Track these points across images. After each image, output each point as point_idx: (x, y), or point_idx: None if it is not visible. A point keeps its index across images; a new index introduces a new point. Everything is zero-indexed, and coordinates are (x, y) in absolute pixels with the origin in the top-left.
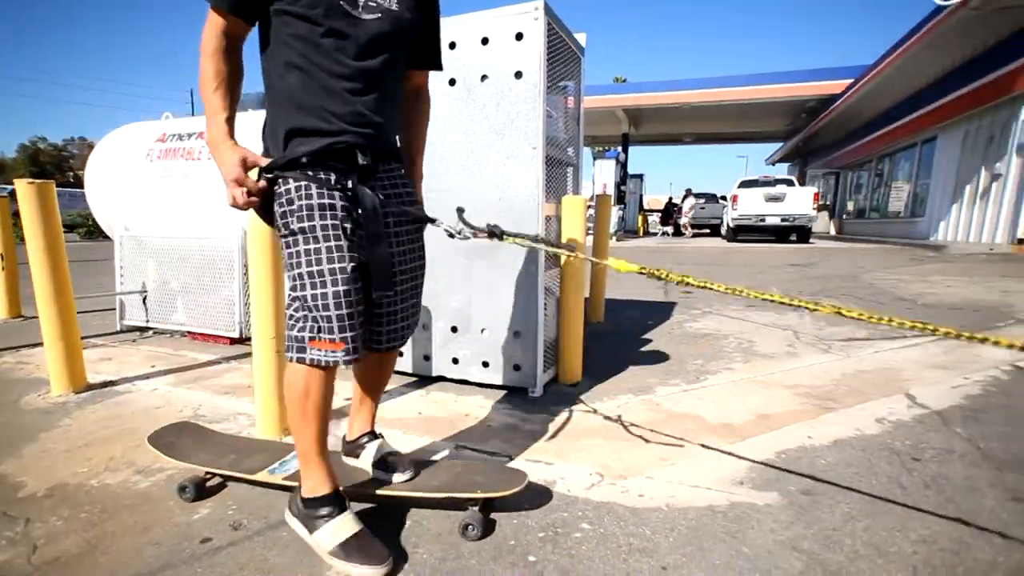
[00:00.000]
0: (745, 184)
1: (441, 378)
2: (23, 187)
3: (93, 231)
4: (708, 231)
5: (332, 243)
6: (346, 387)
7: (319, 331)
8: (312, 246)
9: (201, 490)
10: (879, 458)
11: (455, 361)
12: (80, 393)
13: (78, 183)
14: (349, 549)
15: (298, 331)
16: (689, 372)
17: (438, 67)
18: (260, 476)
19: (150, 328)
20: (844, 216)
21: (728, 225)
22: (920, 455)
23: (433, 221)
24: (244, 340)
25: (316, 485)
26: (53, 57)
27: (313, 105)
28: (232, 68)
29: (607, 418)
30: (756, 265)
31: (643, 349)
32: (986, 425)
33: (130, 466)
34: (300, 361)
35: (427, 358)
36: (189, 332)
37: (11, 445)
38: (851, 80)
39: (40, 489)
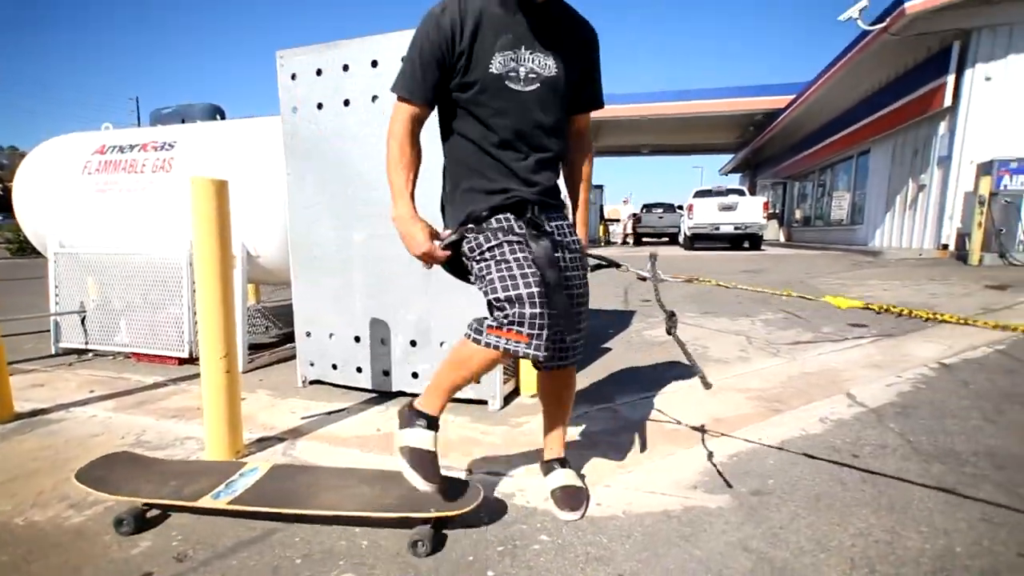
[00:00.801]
0: (700, 194)
1: (401, 393)
2: None
3: (24, 247)
4: (667, 239)
5: (520, 255)
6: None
7: (510, 323)
8: (504, 259)
9: (141, 522)
10: (822, 456)
11: (415, 375)
12: (6, 424)
13: (6, 195)
14: (415, 456)
15: (487, 322)
16: (647, 380)
17: (599, 105)
18: (203, 502)
19: (89, 350)
20: (792, 224)
21: (685, 234)
22: (858, 451)
23: (619, 266)
24: (193, 360)
25: (428, 405)
26: None
27: (483, 170)
28: (415, 151)
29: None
30: (713, 272)
31: (602, 358)
32: (916, 420)
33: (62, 500)
34: (476, 341)
35: (386, 373)
36: (133, 353)
37: None
38: (793, 96)
39: None
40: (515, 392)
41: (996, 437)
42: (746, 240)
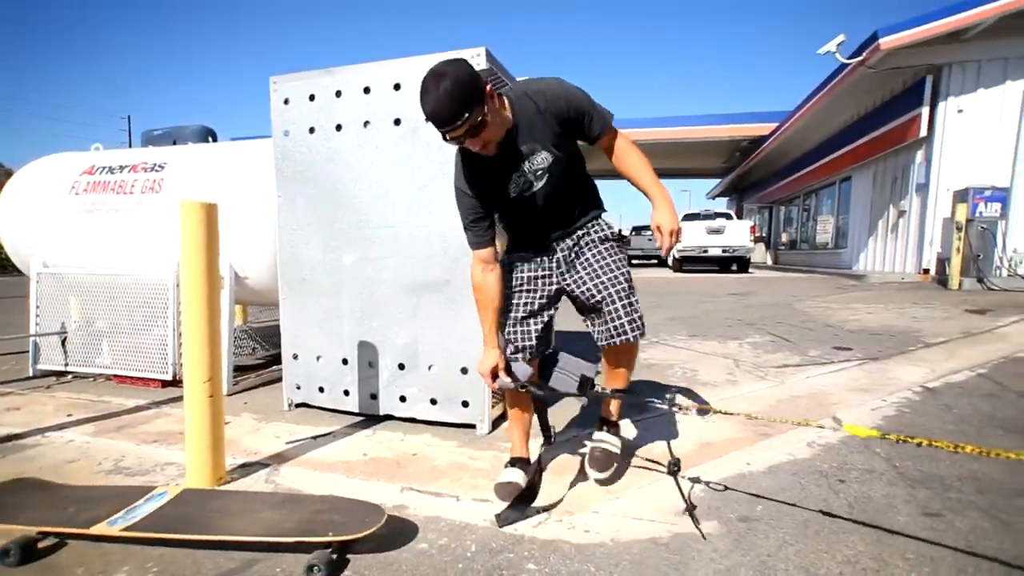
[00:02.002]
0: (688, 217)
1: (389, 417)
2: None
3: (5, 265)
4: (655, 261)
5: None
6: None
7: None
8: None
9: (30, 552)
10: (809, 481)
11: (403, 399)
12: None
13: None
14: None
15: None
16: (635, 404)
17: (606, 129)
18: (97, 529)
19: (69, 372)
20: (779, 247)
21: (674, 256)
22: (845, 476)
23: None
24: (177, 382)
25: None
26: None
27: (517, 241)
28: (486, 292)
29: (554, 452)
30: (700, 294)
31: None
32: (901, 445)
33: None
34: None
35: (374, 397)
36: (115, 375)
37: None
38: (777, 123)
39: None
40: (503, 416)
41: (980, 462)
42: (734, 263)
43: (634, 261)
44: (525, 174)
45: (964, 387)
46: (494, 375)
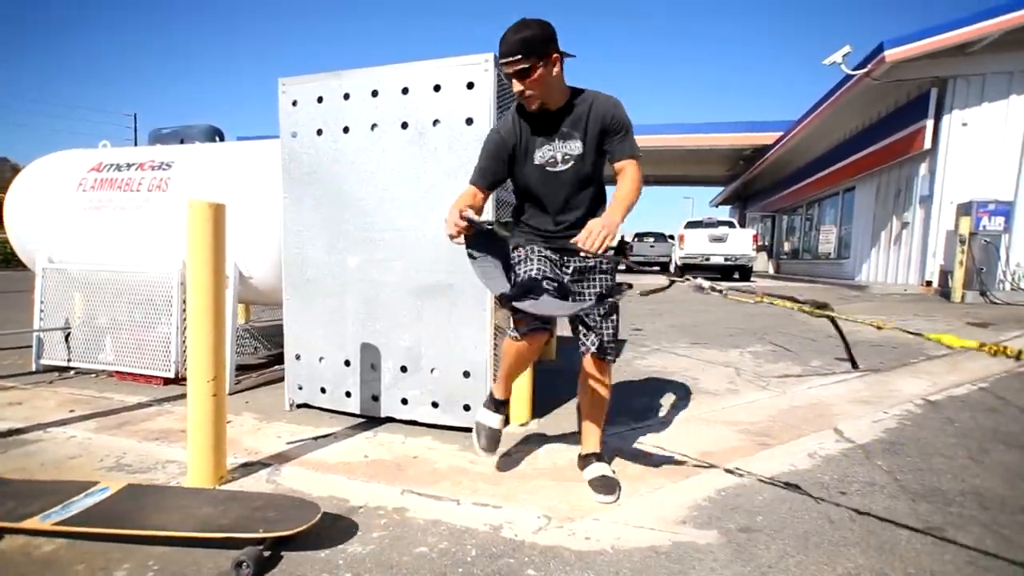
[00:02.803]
0: (691, 225)
1: (390, 419)
2: None
3: (10, 259)
4: (657, 268)
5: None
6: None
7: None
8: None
9: None
10: (810, 493)
11: (404, 402)
12: None
13: None
14: (480, 431)
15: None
16: (637, 411)
17: (629, 155)
18: (29, 524)
19: (72, 368)
20: (781, 256)
21: (676, 263)
22: (846, 488)
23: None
24: (179, 380)
25: (497, 390)
26: None
27: (530, 219)
28: (467, 195)
29: (555, 458)
30: (704, 302)
31: None
32: (903, 457)
33: None
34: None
35: (375, 398)
36: (117, 372)
37: None
38: (781, 133)
39: None
40: (504, 421)
41: (981, 477)
42: (736, 271)
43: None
44: (555, 150)
45: (966, 401)
46: (461, 215)
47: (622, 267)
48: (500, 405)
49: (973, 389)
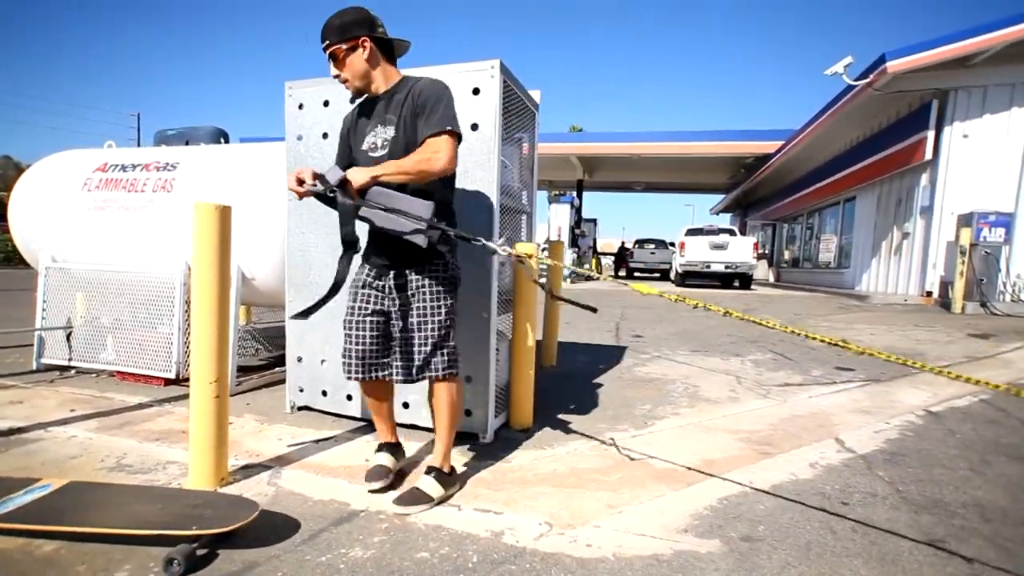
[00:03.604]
0: (692, 232)
1: None
2: None
3: (12, 257)
4: (658, 275)
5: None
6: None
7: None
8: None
9: None
10: (812, 503)
11: (405, 405)
12: None
13: (2, 206)
14: (369, 472)
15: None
16: (637, 417)
17: (433, 131)
18: None
19: (72, 367)
20: (781, 265)
21: (677, 271)
22: (848, 499)
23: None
24: (181, 381)
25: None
26: None
27: None
28: None
29: (557, 465)
30: (700, 310)
31: (594, 394)
32: (904, 468)
33: None
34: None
35: None
36: (118, 372)
37: None
38: (782, 141)
39: None
40: (506, 426)
41: (983, 489)
42: (736, 279)
43: (636, 273)
44: (376, 136)
45: (967, 412)
46: (300, 182)
47: (622, 273)
48: (382, 445)
49: (974, 401)
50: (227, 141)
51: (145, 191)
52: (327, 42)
